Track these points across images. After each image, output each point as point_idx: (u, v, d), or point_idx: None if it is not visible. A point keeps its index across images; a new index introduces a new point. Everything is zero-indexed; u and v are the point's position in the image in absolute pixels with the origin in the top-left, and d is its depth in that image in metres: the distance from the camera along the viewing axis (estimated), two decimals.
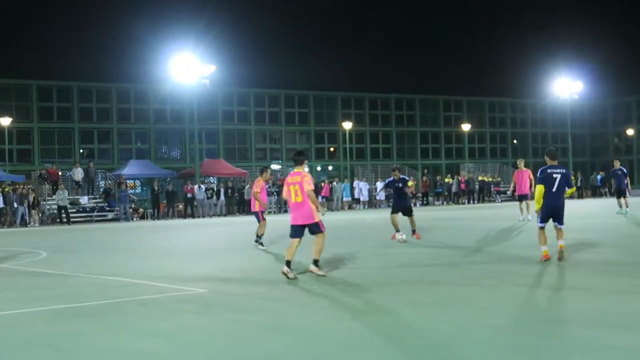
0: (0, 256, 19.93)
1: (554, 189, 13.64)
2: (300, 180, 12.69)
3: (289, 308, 9.80)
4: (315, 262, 12.89)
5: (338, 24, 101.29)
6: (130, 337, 8.29)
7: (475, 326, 8.04)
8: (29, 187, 43.96)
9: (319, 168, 67.21)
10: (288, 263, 12.63)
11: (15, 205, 41.07)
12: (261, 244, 19.11)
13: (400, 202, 20.05)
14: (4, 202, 40.93)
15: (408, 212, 20.00)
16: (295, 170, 13.13)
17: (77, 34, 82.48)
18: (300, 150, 17.87)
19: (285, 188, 13.13)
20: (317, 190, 50.92)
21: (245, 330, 8.38)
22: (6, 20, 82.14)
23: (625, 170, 30.32)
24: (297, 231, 12.92)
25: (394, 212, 19.84)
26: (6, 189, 42.04)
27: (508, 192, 56.63)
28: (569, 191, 13.97)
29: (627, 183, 30.06)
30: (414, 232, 19.85)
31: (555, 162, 14.01)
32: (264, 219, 19.36)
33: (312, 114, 66.66)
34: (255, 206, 19.58)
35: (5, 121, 49.17)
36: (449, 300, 9.83)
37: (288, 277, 12.45)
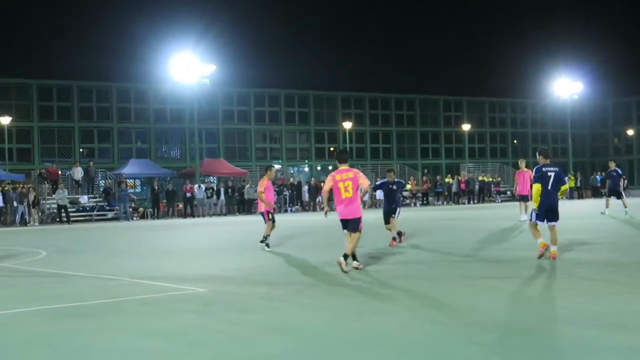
0: (0, 255, 19.94)
1: (549, 187, 13.98)
2: (353, 177, 13.34)
3: (289, 308, 9.80)
4: (345, 257, 13.12)
5: (338, 24, 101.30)
6: (130, 336, 8.27)
7: (475, 327, 8.04)
8: (29, 186, 43.97)
9: (319, 168, 67.21)
10: (345, 257, 13.12)
11: (15, 204, 41.09)
12: (267, 244, 18.51)
13: (390, 208, 18.83)
14: (4, 201, 40.96)
15: (393, 212, 18.75)
16: (342, 167, 13.61)
17: (77, 34, 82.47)
18: (343, 149, 18.01)
19: (330, 184, 13.55)
20: (318, 189, 50.93)
21: (246, 330, 8.38)
22: (6, 20, 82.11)
23: (620, 172, 30.37)
24: (345, 225, 13.52)
25: (387, 222, 18.72)
26: (6, 188, 42.06)
27: (508, 193, 56.73)
28: (563, 188, 14.17)
29: (622, 184, 30.12)
30: (394, 239, 18.59)
31: (548, 161, 14.23)
32: (269, 219, 18.69)
33: (312, 114, 66.67)
34: (261, 206, 19.13)
35: (5, 120, 49.20)
36: (449, 301, 9.83)
37: (345, 270, 12.94)
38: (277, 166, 60.56)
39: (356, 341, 7.57)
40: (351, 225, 13.37)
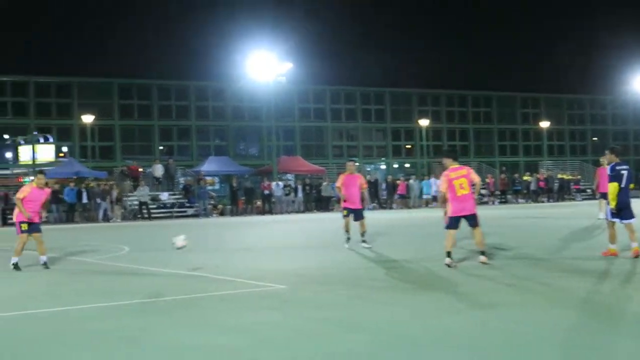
0: (84, 250, 20.46)
1: (622, 185, 14.02)
2: (466, 174, 13.81)
3: (366, 306, 9.85)
4: (483, 253, 13.83)
5: (414, 21, 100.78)
6: (206, 332, 8.39)
7: (549, 326, 7.99)
8: (111, 183, 44.96)
9: (395, 165, 67.09)
10: (449, 254, 13.63)
11: (98, 200, 42.06)
12: (347, 239, 18.38)
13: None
14: (88, 197, 42.00)
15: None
16: (454, 165, 13.98)
17: (156, 33, 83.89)
18: (451, 147, 17.97)
19: (446, 184, 13.86)
20: (395, 187, 50.78)
21: (322, 327, 8.47)
22: (90, 22, 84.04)
23: None
24: (456, 223, 13.90)
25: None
26: (90, 185, 43.08)
27: (588, 191, 55.70)
28: (631, 186, 14.42)
29: None
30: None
31: (619, 159, 14.28)
32: (346, 215, 18.53)
33: (388, 111, 66.58)
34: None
35: (89, 119, 50.41)
36: (524, 300, 9.78)
37: (450, 267, 13.38)
38: (356, 164, 60.46)
39: (432, 340, 7.60)
40: (471, 220, 13.83)
